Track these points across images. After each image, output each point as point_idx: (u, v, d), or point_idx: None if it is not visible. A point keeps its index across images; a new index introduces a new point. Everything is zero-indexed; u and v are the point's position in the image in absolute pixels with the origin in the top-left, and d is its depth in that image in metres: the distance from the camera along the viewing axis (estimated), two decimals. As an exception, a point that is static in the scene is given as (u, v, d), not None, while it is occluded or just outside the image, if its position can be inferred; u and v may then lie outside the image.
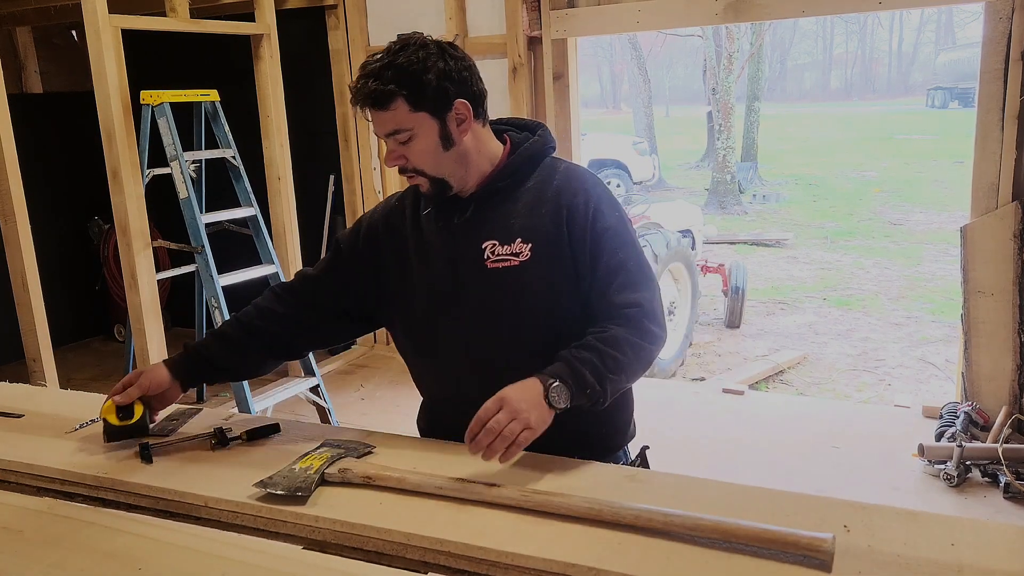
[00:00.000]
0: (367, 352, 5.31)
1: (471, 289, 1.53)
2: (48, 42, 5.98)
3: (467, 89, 1.49)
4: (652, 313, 1.48)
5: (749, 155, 15.37)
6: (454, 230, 1.55)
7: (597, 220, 1.50)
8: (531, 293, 1.50)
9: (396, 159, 1.51)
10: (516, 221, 1.52)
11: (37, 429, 1.72)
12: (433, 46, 1.47)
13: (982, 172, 3.70)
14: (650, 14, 4.20)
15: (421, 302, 1.59)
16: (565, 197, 1.51)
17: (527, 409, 1.33)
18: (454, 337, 1.57)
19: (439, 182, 1.52)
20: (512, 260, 1.50)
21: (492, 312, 1.53)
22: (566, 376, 1.38)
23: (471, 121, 1.50)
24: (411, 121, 1.46)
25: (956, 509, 3.14)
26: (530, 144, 1.58)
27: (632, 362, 1.44)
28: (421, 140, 1.48)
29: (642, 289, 1.49)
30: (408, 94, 1.44)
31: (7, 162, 3.54)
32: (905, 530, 1.20)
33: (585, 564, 1.13)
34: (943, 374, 5.02)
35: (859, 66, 46.04)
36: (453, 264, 1.55)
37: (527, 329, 1.52)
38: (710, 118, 15.28)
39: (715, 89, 13.90)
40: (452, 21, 4.58)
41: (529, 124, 1.64)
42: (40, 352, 3.72)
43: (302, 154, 4.92)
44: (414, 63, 1.44)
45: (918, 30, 43.95)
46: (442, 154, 1.49)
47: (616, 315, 1.46)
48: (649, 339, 1.47)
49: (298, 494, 1.34)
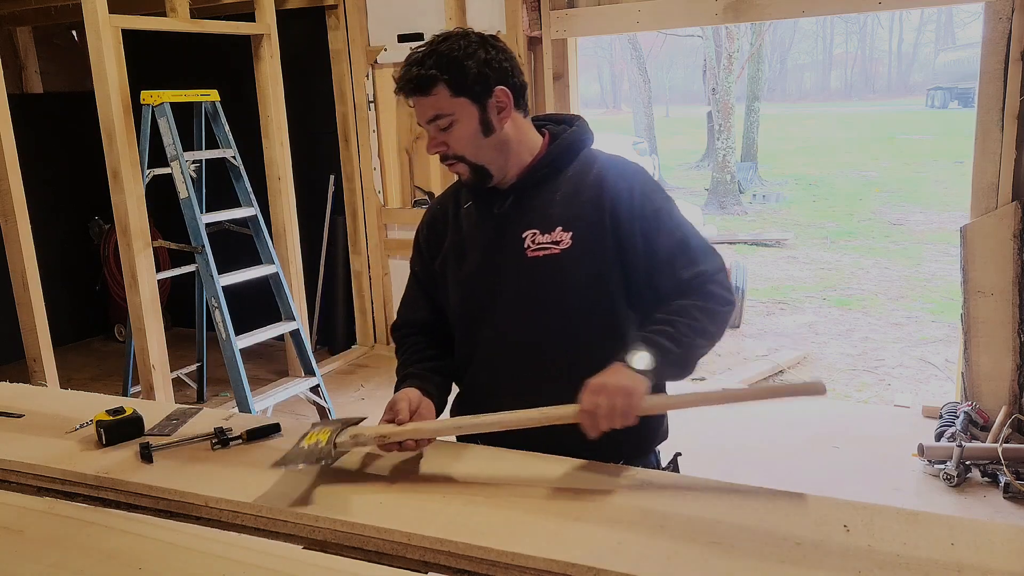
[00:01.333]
0: (367, 352, 5.31)
1: (511, 278, 1.54)
2: (48, 42, 5.98)
3: (508, 79, 1.50)
4: (718, 277, 1.49)
5: (749, 155, 15.37)
6: (494, 221, 1.56)
7: (646, 204, 1.50)
8: (572, 281, 1.50)
9: (437, 146, 1.52)
10: (556, 210, 1.52)
11: (37, 429, 1.72)
12: (475, 36, 1.50)
13: (982, 172, 3.70)
14: (650, 14, 4.21)
15: (463, 292, 1.60)
16: (607, 185, 1.52)
17: (616, 382, 1.33)
18: (493, 326, 1.57)
19: (479, 169, 1.53)
20: (552, 248, 1.50)
21: (532, 301, 1.53)
22: (642, 345, 1.38)
23: (511, 109, 1.51)
24: (452, 106, 1.47)
25: (956, 509, 3.14)
26: (568, 134, 1.59)
27: (707, 326, 1.44)
28: (462, 126, 1.48)
29: (705, 260, 1.49)
30: (449, 79, 1.45)
31: (7, 162, 3.54)
32: (905, 530, 1.20)
33: (585, 564, 1.14)
34: (943, 374, 5.02)
35: (859, 66, 46.05)
36: (493, 254, 1.55)
37: (567, 318, 1.52)
38: (710, 118, 15.27)
39: (715, 89, 13.89)
40: (452, 21, 4.58)
41: (566, 118, 1.65)
42: (40, 352, 3.72)
43: (302, 154, 4.92)
44: (455, 50, 1.46)
45: (918, 30, 43.97)
46: (482, 140, 1.50)
47: (685, 289, 1.47)
48: (717, 302, 1.47)
49: (321, 462, 1.36)
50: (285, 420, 1.70)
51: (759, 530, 1.21)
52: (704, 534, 1.21)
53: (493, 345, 1.58)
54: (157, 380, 3.87)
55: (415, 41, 4.77)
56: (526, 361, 1.55)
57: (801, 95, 43.99)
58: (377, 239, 5.18)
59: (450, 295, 1.63)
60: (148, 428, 1.67)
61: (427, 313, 1.70)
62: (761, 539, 1.19)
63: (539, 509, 1.29)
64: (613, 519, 1.25)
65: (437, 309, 1.69)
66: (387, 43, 4.88)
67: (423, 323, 1.71)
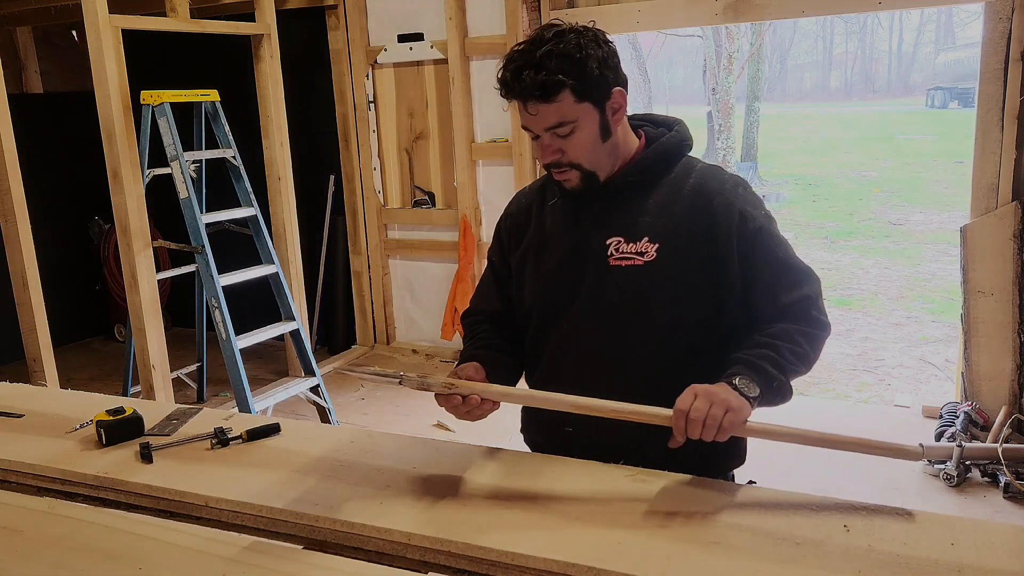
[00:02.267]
0: (367, 352, 5.31)
1: (590, 284, 1.47)
2: (48, 42, 5.98)
3: (621, 76, 1.42)
4: (818, 302, 1.44)
5: (749, 155, 15.36)
6: (580, 222, 1.50)
7: (747, 222, 1.42)
8: (653, 295, 1.44)
9: (553, 153, 1.42)
10: (645, 219, 1.45)
11: (37, 429, 1.72)
12: (586, 32, 1.39)
13: (982, 172, 3.70)
14: (650, 14, 4.20)
15: (540, 290, 1.55)
16: (702, 198, 1.44)
17: (722, 394, 1.29)
18: (566, 329, 1.51)
19: (591, 176, 1.45)
20: (636, 259, 1.43)
21: (608, 310, 1.46)
22: (747, 370, 1.34)
23: (624, 110, 1.44)
24: (576, 112, 1.38)
25: (956, 509, 3.14)
26: (665, 139, 1.50)
27: (808, 352, 1.40)
28: (583, 132, 1.40)
29: (806, 282, 1.44)
30: (575, 84, 1.35)
31: (7, 162, 3.54)
32: (905, 530, 1.20)
33: (585, 564, 1.13)
34: (943, 374, 5.02)
35: (859, 66, 46.02)
36: (575, 257, 1.49)
37: (644, 332, 1.45)
38: (710, 118, 15.26)
39: (715, 89, 13.89)
40: (452, 21, 4.58)
41: (666, 120, 1.56)
42: (40, 352, 3.72)
43: (302, 154, 4.92)
44: (576, 50, 1.35)
45: (918, 30, 43.93)
46: (600, 146, 1.43)
47: (786, 312, 1.42)
48: (818, 327, 1.43)
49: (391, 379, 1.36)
50: (285, 420, 1.70)
51: (759, 530, 1.21)
52: (704, 534, 1.21)
53: (563, 348, 1.52)
54: (157, 380, 3.87)
55: (415, 41, 4.81)
56: (595, 370, 1.48)
57: (801, 95, 43.96)
58: (377, 239, 5.18)
59: (526, 291, 1.57)
60: (148, 428, 1.67)
61: (499, 305, 1.65)
62: (761, 539, 1.19)
63: (539, 509, 1.29)
64: (613, 519, 1.25)
65: (510, 301, 1.63)
66: (387, 43, 4.88)
67: (494, 313, 1.65)
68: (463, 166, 4.75)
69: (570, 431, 1.48)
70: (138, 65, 4.02)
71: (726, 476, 1.56)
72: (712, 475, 1.47)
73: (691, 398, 1.28)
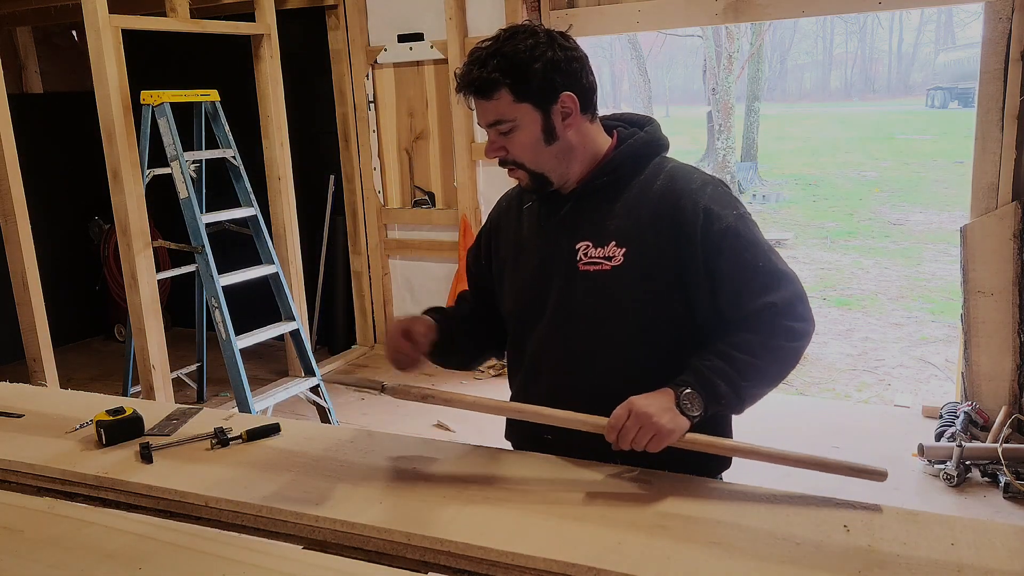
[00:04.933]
0: (367, 352, 5.31)
1: (561, 290, 1.47)
2: (48, 42, 5.98)
3: (576, 81, 1.40)
4: (789, 310, 1.36)
5: (749, 155, 15.36)
6: (549, 227, 1.50)
7: (711, 223, 1.37)
8: (623, 299, 1.42)
9: (496, 150, 1.45)
10: (613, 222, 1.43)
11: (37, 429, 1.72)
12: (543, 35, 1.39)
13: (982, 172, 3.70)
14: (650, 14, 4.20)
15: (516, 296, 1.56)
16: (669, 198, 1.41)
17: (656, 414, 1.29)
18: (541, 335, 1.51)
19: (539, 177, 1.45)
20: (604, 264, 1.42)
21: (580, 315, 1.46)
22: (696, 385, 1.33)
23: (577, 115, 1.42)
24: (513, 112, 1.39)
25: (956, 509, 3.14)
26: (634, 140, 1.48)
27: (769, 365, 1.36)
28: (523, 132, 1.41)
29: (776, 288, 1.37)
30: (512, 84, 1.37)
31: (7, 162, 3.54)
32: (905, 530, 1.20)
33: (585, 564, 1.14)
34: (943, 374, 5.02)
35: (859, 66, 46.03)
36: (545, 261, 1.49)
37: (617, 335, 1.44)
38: (710, 118, 15.26)
39: (715, 89, 13.89)
40: (452, 21, 4.58)
41: (639, 120, 1.54)
42: (40, 352, 3.72)
43: (302, 154, 4.92)
44: (521, 52, 1.37)
45: (918, 30, 43.93)
46: (543, 148, 1.42)
47: (749, 320, 1.37)
48: (788, 337, 1.37)
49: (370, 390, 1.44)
50: (285, 420, 1.70)
51: (759, 530, 1.21)
52: (704, 534, 1.21)
53: (540, 353, 1.52)
54: (157, 380, 3.87)
55: (415, 41, 4.81)
56: (573, 374, 1.48)
57: (801, 95, 43.96)
58: (377, 239, 5.18)
59: (505, 298, 1.58)
60: (148, 428, 1.67)
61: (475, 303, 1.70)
62: (761, 539, 1.19)
63: (539, 509, 1.29)
64: (613, 519, 1.25)
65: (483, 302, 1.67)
66: (387, 43, 4.88)
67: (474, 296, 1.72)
68: (463, 166, 4.75)
69: (549, 438, 1.49)
70: (138, 65, 4.02)
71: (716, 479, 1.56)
72: (712, 475, 1.48)
73: (624, 415, 1.30)
